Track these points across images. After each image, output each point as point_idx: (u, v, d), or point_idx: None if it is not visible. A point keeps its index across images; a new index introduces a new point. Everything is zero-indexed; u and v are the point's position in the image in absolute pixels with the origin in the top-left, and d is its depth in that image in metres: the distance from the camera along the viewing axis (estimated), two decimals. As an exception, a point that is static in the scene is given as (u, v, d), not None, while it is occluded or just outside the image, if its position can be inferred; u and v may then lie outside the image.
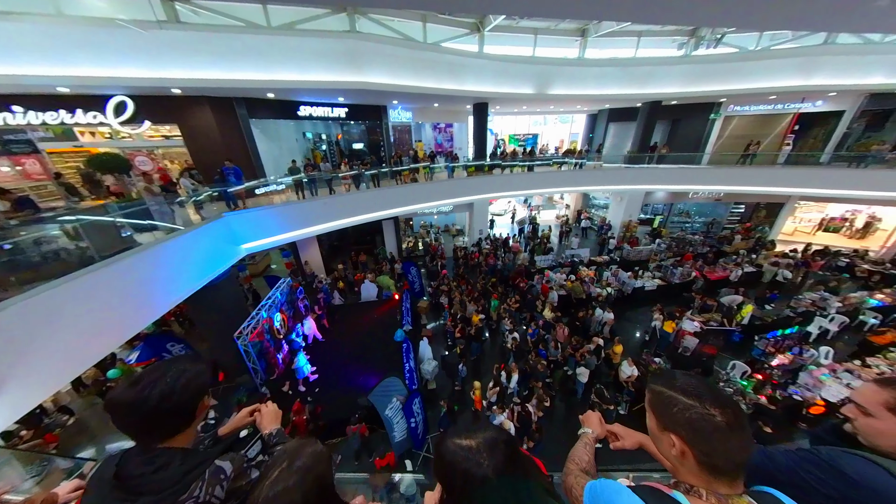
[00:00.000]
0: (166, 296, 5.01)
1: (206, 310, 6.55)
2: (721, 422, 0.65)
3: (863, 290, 9.39)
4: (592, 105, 15.40)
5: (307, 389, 6.44)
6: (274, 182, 8.51)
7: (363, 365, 7.19)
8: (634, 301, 9.91)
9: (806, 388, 5.85)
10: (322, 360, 7.38)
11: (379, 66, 8.17)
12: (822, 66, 10.71)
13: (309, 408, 5.32)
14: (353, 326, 8.67)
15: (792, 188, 12.62)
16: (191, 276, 5.60)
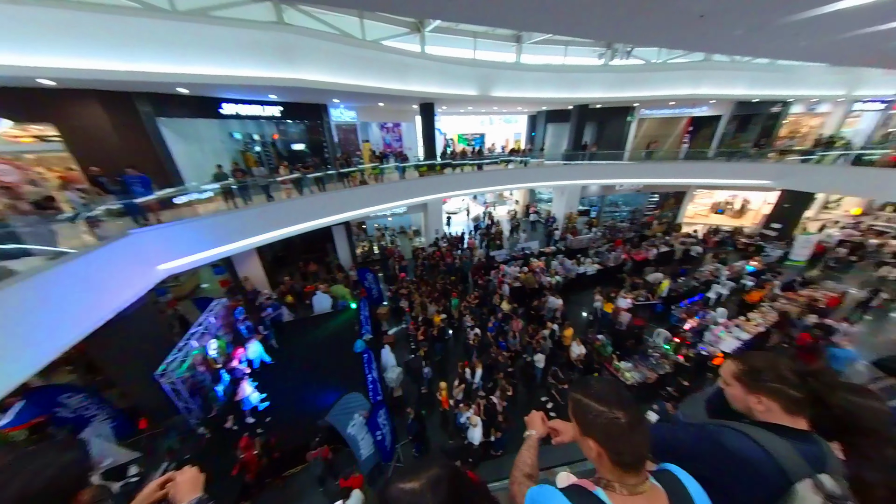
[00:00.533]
0: (50, 341, 4.04)
1: (115, 348, 5.45)
2: (625, 423, 0.74)
3: (743, 259, 11.74)
4: (531, 107, 16.49)
5: (257, 420, 5.79)
6: (195, 190, 7.41)
7: (321, 383, 6.72)
8: (579, 286, 10.96)
9: (710, 344, 7.11)
10: (273, 385, 6.69)
11: (315, 63, 7.61)
12: (704, 79, 13.02)
13: (260, 440, 4.79)
14: (307, 343, 8.04)
15: (689, 179, 15.16)
16: (87, 310, 4.61)
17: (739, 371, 1.07)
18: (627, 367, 6.50)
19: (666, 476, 0.82)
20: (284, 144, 13.88)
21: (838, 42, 4.81)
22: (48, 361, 4.03)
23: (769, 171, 13.11)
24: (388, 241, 14.98)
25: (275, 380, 6.83)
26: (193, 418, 5.51)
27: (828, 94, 14.85)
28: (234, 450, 4.70)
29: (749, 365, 1.06)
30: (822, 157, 12.51)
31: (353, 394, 4.31)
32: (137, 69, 5.96)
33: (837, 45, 5.05)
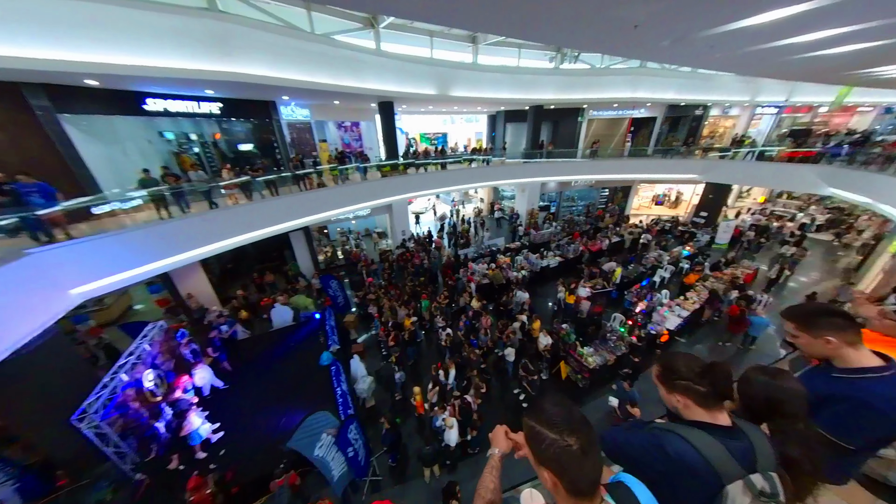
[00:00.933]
0: None
1: (14, 394, 4.50)
2: (577, 450, 0.73)
3: (680, 245, 13.22)
4: (490, 107, 16.89)
5: (210, 454, 5.17)
6: (117, 198, 6.39)
7: (285, 404, 6.22)
8: (543, 278, 11.50)
9: (657, 323, 7.88)
10: (228, 412, 6.04)
11: (256, 56, 6.97)
12: (641, 83, 14.36)
13: (213, 476, 4.27)
14: (267, 361, 7.40)
15: (632, 174, 16.72)
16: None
17: (658, 373, 1.15)
18: (590, 352, 6.95)
19: (620, 490, 0.83)
20: (230, 145, 12.61)
21: (744, 55, 5.56)
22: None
23: (696, 166, 14.91)
24: (353, 245, 14.37)
25: (229, 406, 6.17)
26: (128, 463, 4.75)
27: (736, 100, 17.28)
28: (182, 493, 4.13)
29: (663, 366, 1.14)
30: (735, 154, 14.56)
31: (320, 413, 4.03)
32: (26, 55, 4.95)
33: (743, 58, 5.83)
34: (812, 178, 11.08)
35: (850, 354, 1.22)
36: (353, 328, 8.96)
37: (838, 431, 1.20)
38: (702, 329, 8.69)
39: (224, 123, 11.96)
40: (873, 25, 3.89)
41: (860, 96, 18.27)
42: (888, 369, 1.18)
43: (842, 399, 1.21)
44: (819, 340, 1.23)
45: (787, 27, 3.89)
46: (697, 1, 3.04)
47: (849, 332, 1.20)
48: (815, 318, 1.25)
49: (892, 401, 1.15)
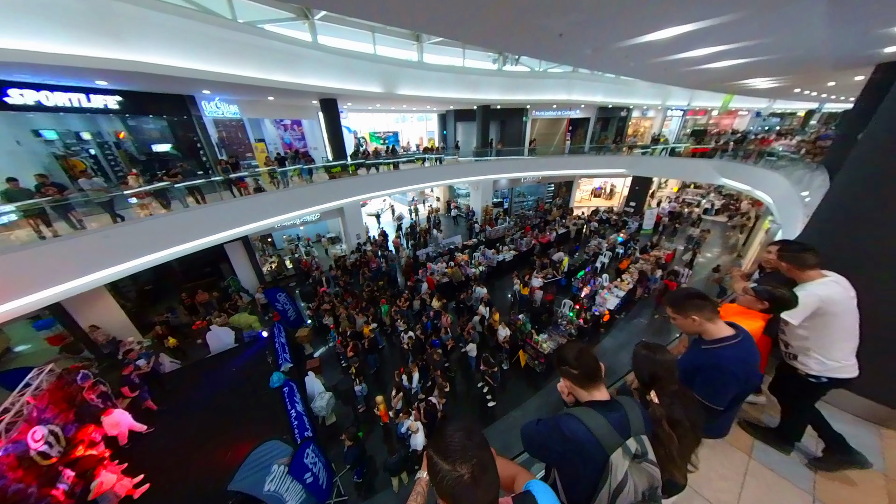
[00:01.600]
0: None
1: None
2: (468, 480, 0.72)
3: (615, 232, 14.83)
4: (439, 106, 16.97)
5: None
6: None
7: (230, 437, 5.53)
8: (501, 272, 11.97)
9: (600, 305, 8.73)
10: (156, 459, 5.17)
11: (160, 42, 5.98)
12: (574, 87, 15.68)
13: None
14: (205, 392, 6.50)
15: (573, 170, 18.24)
16: None
17: (557, 367, 1.27)
18: (544, 339, 7.42)
19: (527, 501, 0.85)
20: (141, 146, 10.72)
21: (652, 65, 6.42)
22: None
23: (623, 161, 16.82)
24: (303, 254, 13.36)
25: (157, 452, 5.28)
26: None
27: (651, 103, 19.89)
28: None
29: (557, 358, 1.29)
30: (653, 151, 16.76)
31: (267, 443, 3.65)
32: None
33: (652, 68, 6.73)
34: (709, 170, 13.24)
35: (711, 328, 1.46)
36: (308, 342, 8.35)
37: (708, 395, 1.44)
38: (636, 306, 9.86)
39: (131, 120, 10.14)
40: (737, 47, 4.77)
41: (739, 103, 22.39)
42: (736, 337, 1.45)
43: (707, 367, 1.46)
44: (687, 320, 1.48)
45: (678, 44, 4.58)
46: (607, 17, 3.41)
47: (706, 310, 1.44)
48: (682, 302, 1.50)
49: (739, 362, 1.41)
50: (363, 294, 9.67)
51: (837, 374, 1.76)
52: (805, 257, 1.76)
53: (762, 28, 3.82)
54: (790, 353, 1.90)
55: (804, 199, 6.09)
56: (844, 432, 1.91)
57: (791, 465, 1.99)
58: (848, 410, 2.26)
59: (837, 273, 1.76)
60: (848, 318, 1.71)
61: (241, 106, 10.45)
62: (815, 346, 1.78)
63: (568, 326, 7.93)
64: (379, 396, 5.91)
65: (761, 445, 2.08)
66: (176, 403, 6.27)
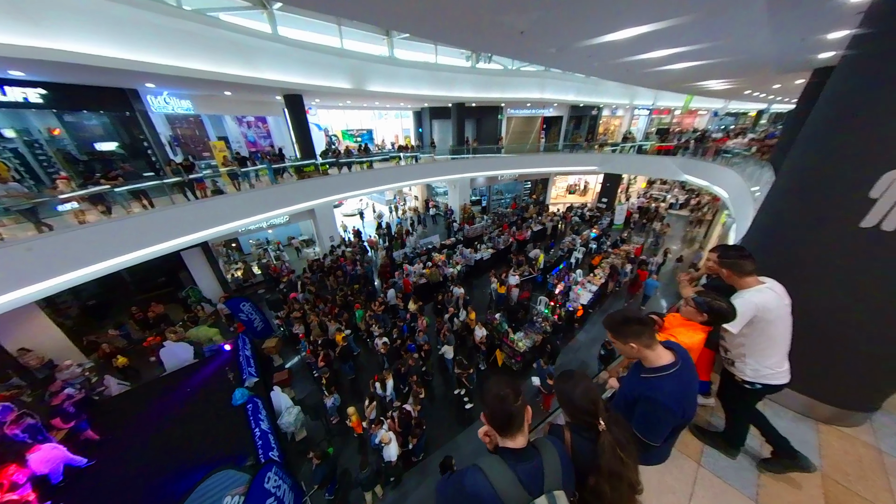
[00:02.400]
0: None
1: None
2: None
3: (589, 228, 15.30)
4: (413, 103, 16.65)
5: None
6: None
7: (188, 463, 5.07)
8: (479, 271, 11.97)
9: (573, 301, 8.93)
10: (100, 495, 4.64)
11: (86, 29, 5.32)
12: (547, 86, 15.93)
13: None
14: (158, 416, 5.94)
15: (548, 167, 18.60)
16: None
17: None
18: (520, 337, 7.47)
19: None
20: (80, 144, 9.62)
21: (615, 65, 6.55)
22: None
23: (594, 159, 17.35)
24: (273, 259, 12.67)
25: (101, 488, 4.75)
26: None
27: (619, 102, 20.66)
28: None
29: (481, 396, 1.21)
30: (622, 148, 17.42)
31: (217, 475, 3.33)
32: None
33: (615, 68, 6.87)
34: (672, 167, 13.93)
35: (650, 355, 1.37)
36: (277, 353, 7.90)
37: (644, 431, 1.35)
38: (608, 299, 10.20)
39: (68, 116, 9.05)
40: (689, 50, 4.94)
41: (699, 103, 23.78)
42: (675, 365, 1.34)
43: (644, 400, 1.36)
44: (626, 346, 1.39)
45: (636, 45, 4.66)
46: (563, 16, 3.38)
47: (644, 336, 1.34)
48: (620, 327, 1.41)
49: (675, 396, 1.31)
50: (336, 299, 9.28)
51: (770, 380, 1.79)
52: (743, 264, 1.74)
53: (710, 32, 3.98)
54: (728, 359, 1.92)
55: (754, 195, 6.50)
56: (785, 429, 1.97)
57: (737, 470, 2.02)
58: (789, 407, 2.36)
59: (773, 277, 1.78)
60: (781, 325, 1.72)
61: (194, 101, 9.64)
62: (749, 352, 1.79)
63: (543, 323, 8.03)
64: (351, 408, 5.66)
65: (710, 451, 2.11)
66: (124, 431, 5.67)
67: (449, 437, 5.99)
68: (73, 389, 5.46)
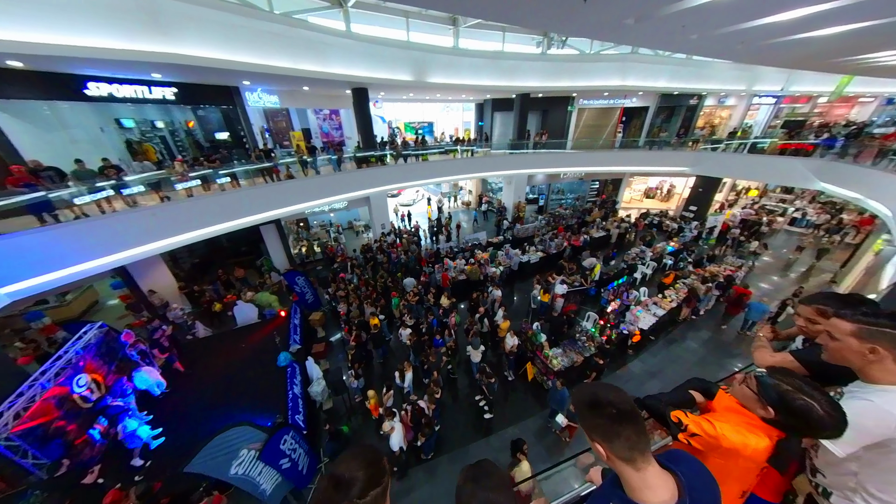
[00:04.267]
0: None
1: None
2: None
3: (666, 240, 12.89)
4: (475, 94, 16.22)
5: (145, 463, 4.92)
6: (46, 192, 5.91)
7: (237, 407, 5.97)
8: (524, 274, 11.19)
9: (630, 323, 7.62)
10: (174, 416, 5.80)
11: (198, 34, 6.42)
12: (631, 71, 13.72)
13: (137, 490, 4.04)
14: (223, 361, 7.13)
15: (623, 166, 16.19)
16: None
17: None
18: (556, 354, 6.69)
19: None
20: (206, 133, 12.06)
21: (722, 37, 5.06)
22: None
23: (686, 158, 14.42)
24: (331, 240, 13.99)
25: (176, 410, 5.93)
26: (43, 474, 4.50)
27: (732, 89, 16.64)
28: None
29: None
30: (727, 146, 14.06)
31: (237, 428, 3.76)
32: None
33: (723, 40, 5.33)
34: (802, 171, 10.66)
35: (630, 479, 0.84)
36: (320, 326, 8.70)
37: None
38: (677, 328, 8.44)
39: (200, 111, 11.40)
40: (853, 2, 3.43)
41: (861, 86, 17.64)
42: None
43: None
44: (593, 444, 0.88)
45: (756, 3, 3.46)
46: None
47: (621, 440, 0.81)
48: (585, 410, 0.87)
49: None
50: (377, 284, 9.74)
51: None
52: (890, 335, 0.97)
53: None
54: (821, 488, 1.20)
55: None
56: None
57: None
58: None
59: None
60: None
61: (280, 96, 11.04)
62: (868, 482, 1.08)
63: (587, 343, 7.05)
64: (371, 391, 5.86)
65: None
66: (200, 368, 6.97)
67: (462, 442, 5.76)
68: (167, 327, 6.86)
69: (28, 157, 6.32)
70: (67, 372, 4.93)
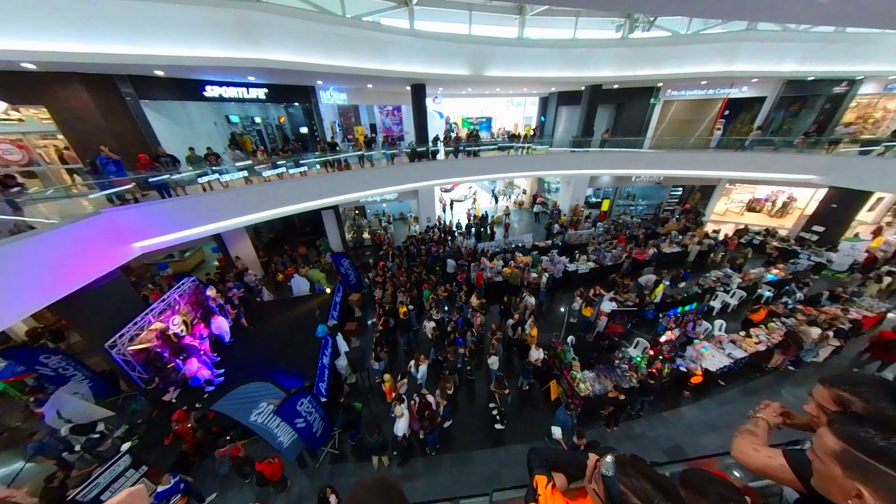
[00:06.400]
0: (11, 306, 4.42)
1: (85, 318, 5.92)
2: None
3: (768, 265, 10.25)
4: (538, 88, 15.21)
5: (214, 392, 6.10)
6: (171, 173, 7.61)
7: (281, 363, 6.94)
8: (567, 284, 10.23)
9: (691, 360, 6.32)
10: (235, 360, 7.04)
11: (280, 41, 7.41)
12: (742, 52, 11.08)
13: (196, 414, 5.03)
14: (277, 324, 8.31)
15: (720, 171, 13.31)
16: (48, 283, 4.96)
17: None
18: (587, 378, 5.97)
19: None
20: (294, 128, 14.08)
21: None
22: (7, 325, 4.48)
23: (817, 164, 11.14)
24: (381, 228, 14.93)
25: (237, 356, 7.17)
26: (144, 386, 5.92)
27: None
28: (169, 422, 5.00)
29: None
30: (888, 148, 10.33)
31: (259, 383, 4.34)
32: (107, 51, 6.12)
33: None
34: None
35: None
36: (358, 307, 9.42)
37: None
38: (764, 378, 6.68)
39: (290, 108, 13.36)
40: None
41: None
42: None
43: None
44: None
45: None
46: None
47: None
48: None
49: None
50: (411, 275, 10.07)
51: None
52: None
53: None
54: None
55: None
56: None
57: None
58: None
59: None
60: None
61: (348, 94, 12.11)
62: None
63: (628, 372, 6.10)
64: (387, 374, 6.13)
65: None
66: (259, 326, 8.27)
67: (468, 447, 5.62)
68: (236, 289, 8.27)
69: (165, 146, 8.25)
70: (167, 312, 6.37)
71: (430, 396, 5.44)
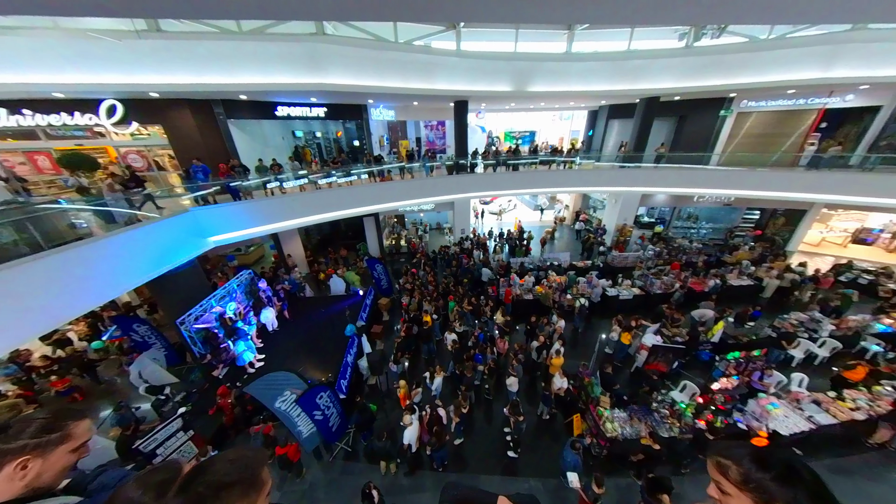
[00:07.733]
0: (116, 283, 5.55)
1: (167, 296, 7.16)
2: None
3: (878, 313, 8.20)
4: (586, 101, 14.62)
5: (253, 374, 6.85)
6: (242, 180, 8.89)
7: (311, 356, 7.53)
8: (606, 310, 9.38)
9: (754, 416, 5.29)
10: (276, 347, 7.83)
11: (340, 67, 8.35)
12: (844, 56, 9.36)
13: (235, 392, 5.69)
14: (313, 319, 9.05)
15: (814, 194, 11.18)
16: (147, 264, 6.12)
17: None
18: (616, 417, 5.36)
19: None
20: (349, 141, 15.61)
21: None
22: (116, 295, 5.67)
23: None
24: (418, 237, 15.46)
25: (277, 343, 7.96)
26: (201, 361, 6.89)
27: None
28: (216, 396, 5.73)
29: None
30: None
31: (283, 372, 4.74)
32: (207, 81, 7.57)
33: None
34: None
35: None
36: (386, 311, 9.81)
37: None
38: (857, 456, 5.28)
39: (347, 123, 14.90)
40: None
41: None
42: None
43: None
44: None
45: None
46: None
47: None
48: None
49: None
50: (440, 286, 10.19)
51: None
52: None
53: None
54: None
55: None
56: None
57: None
58: None
59: None
60: None
61: (396, 110, 13.02)
62: None
63: (669, 420, 5.33)
64: (403, 381, 6.23)
65: None
66: (300, 319, 9.09)
67: (477, 469, 5.40)
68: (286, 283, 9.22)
69: (242, 157, 9.74)
70: (226, 299, 7.38)
71: (441, 410, 5.39)
